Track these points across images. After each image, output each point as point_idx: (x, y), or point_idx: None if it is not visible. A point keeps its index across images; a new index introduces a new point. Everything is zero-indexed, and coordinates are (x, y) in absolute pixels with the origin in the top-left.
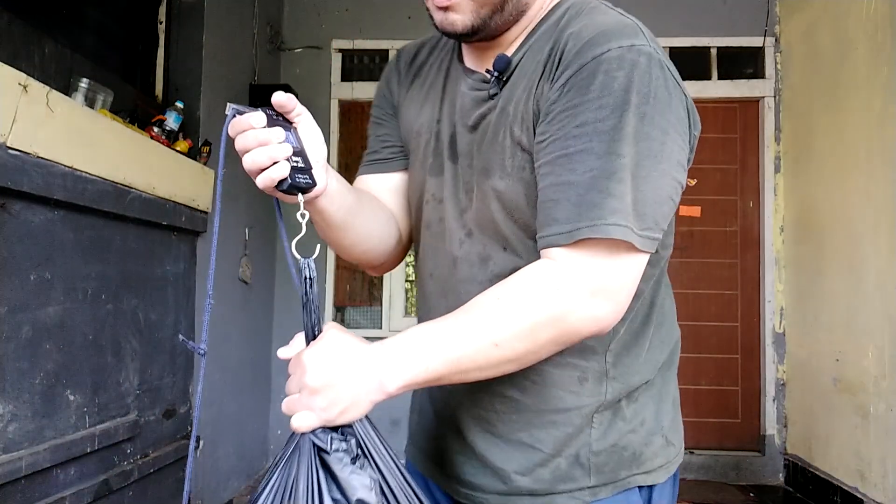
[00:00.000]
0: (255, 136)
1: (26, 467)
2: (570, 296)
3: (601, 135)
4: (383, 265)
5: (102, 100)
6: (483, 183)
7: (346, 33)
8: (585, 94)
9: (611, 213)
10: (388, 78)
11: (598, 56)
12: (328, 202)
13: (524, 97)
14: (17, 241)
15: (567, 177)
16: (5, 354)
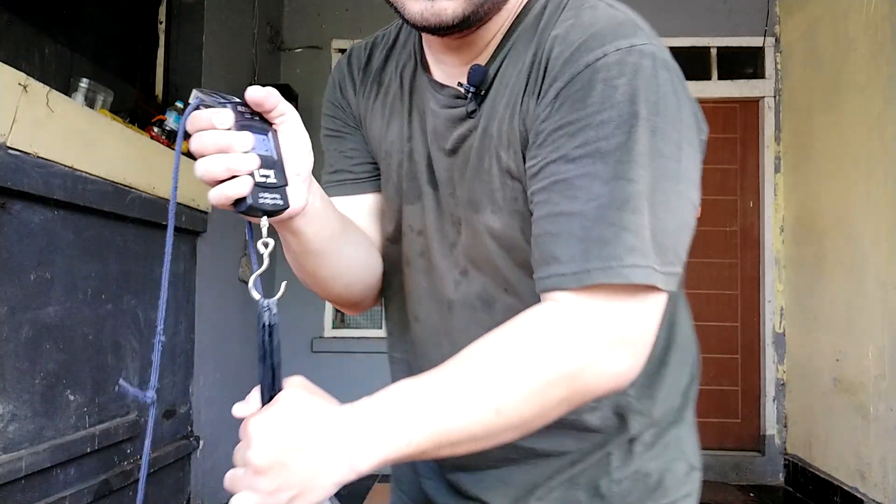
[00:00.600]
0: (213, 138)
1: (26, 467)
2: (584, 349)
3: (606, 156)
4: (362, 303)
5: (102, 100)
6: (472, 217)
7: (346, 33)
8: (582, 109)
9: (628, 252)
10: (341, 85)
11: (593, 63)
12: (306, 224)
13: (507, 115)
14: (17, 241)
15: (567, 206)
16: (5, 354)
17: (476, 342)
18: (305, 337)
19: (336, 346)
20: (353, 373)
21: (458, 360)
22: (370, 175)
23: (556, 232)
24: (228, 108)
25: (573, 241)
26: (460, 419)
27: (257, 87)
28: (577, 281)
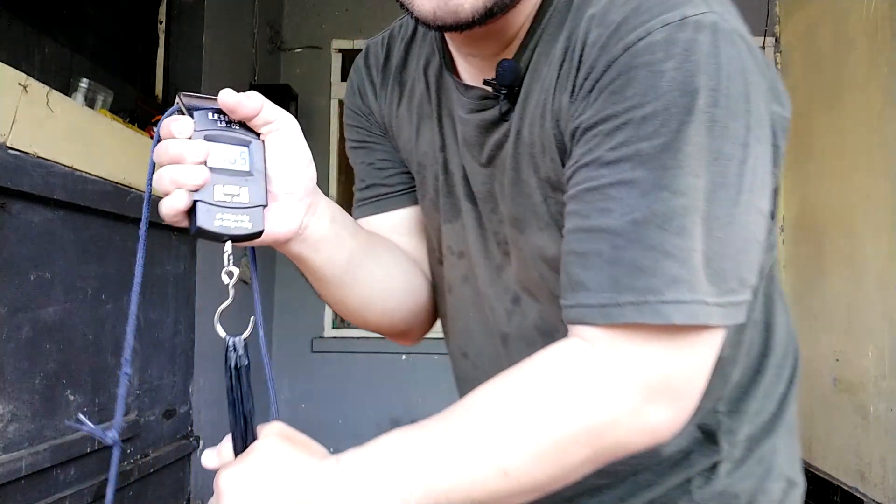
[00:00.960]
0: (168, 148)
1: (26, 467)
2: (614, 399)
3: (647, 160)
4: (411, 331)
5: (102, 100)
6: (518, 238)
7: (346, 33)
8: (621, 103)
9: (670, 284)
10: (360, 90)
11: (634, 45)
12: (310, 250)
13: (539, 116)
14: (17, 241)
15: (597, 220)
16: (5, 354)
17: (484, 385)
18: (305, 337)
19: (336, 346)
20: (353, 373)
21: (463, 407)
22: (407, 186)
23: (583, 251)
24: (199, 114)
25: (602, 265)
26: (461, 482)
27: (229, 92)
28: (606, 316)
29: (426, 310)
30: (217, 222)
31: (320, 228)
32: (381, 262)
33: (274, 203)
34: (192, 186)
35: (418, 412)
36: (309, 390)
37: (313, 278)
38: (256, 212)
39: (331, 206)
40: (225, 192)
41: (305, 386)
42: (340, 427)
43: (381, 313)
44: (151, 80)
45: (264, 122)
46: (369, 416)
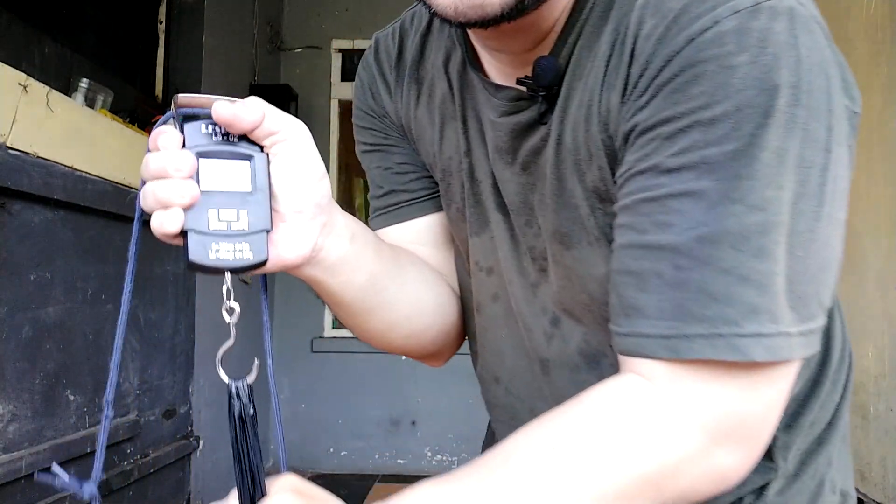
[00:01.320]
0: (152, 161)
1: (26, 467)
2: (680, 444)
3: (717, 168)
4: (440, 353)
5: (102, 100)
6: (563, 255)
7: (346, 33)
8: (685, 103)
9: (747, 315)
10: (372, 89)
11: (699, 36)
12: (325, 274)
13: (583, 119)
14: (17, 241)
15: (656, 235)
16: (5, 354)
17: (528, 427)
18: (305, 337)
19: (336, 346)
20: (353, 373)
21: (503, 454)
22: (430, 192)
23: (639, 271)
24: (191, 127)
25: (663, 288)
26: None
27: (224, 104)
28: (671, 350)
29: (456, 329)
30: (212, 255)
31: (337, 250)
32: (407, 282)
33: (282, 224)
34: (179, 204)
35: (418, 412)
36: (309, 390)
37: (330, 302)
38: (259, 238)
39: (350, 222)
40: (221, 218)
41: (305, 386)
42: (340, 427)
43: (406, 336)
44: (151, 80)
45: (267, 134)
46: (369, 416)
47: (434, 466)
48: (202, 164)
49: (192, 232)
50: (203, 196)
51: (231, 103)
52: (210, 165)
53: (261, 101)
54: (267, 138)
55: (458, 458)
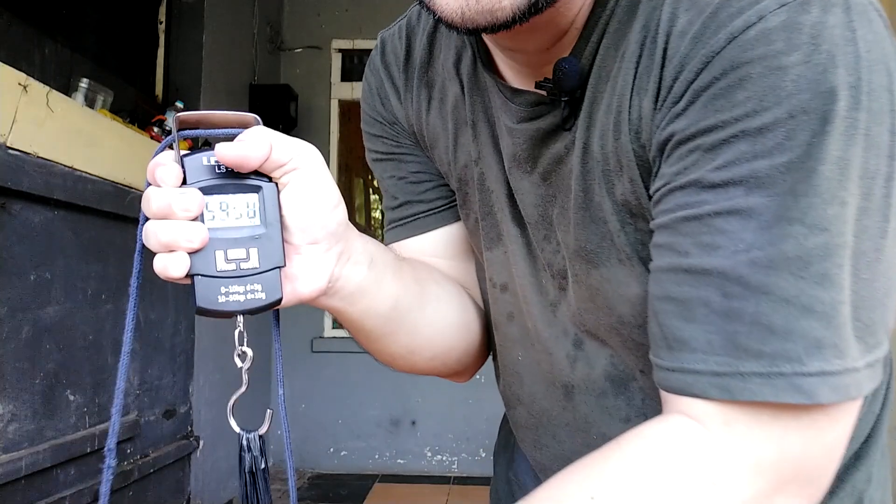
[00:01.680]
0: (154, 198)
1: (26, 467)
2: (738, 493)
3: (769, 183)
4: (466, 370)
5: (102, 100)
6: (588, 274)
7: (346, 33)
8: (728, 110)
9: (811, 351)
10: (380, 94)
11: (742, 33)
12: (344, 303)
13: (611, 127)
14: (17, 241)
15: (700, 258)
16: (5, 354)
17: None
18: (305, 337)
19: (336, 346)
20: (353, 373)
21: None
22: (448, 200)
23: (683, 298)
24: (192, 160)
25: (711, 318)
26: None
27: (226, 147)
28: (724, 390)
29: (481, 344)
30: (221, 298)
31: (356, 278)
32: (430, 303)
33: (296, 257)
34: (186, 249)
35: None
36: (309, 390)
37: (351, 329)
38: (272, 276)
39: (368, 247)
40: (229, 258)
41: (305, 386)
42: (340, 427)
43: (430, 358)
44: (151, 80)
45: (276, 166)
46: (369, 416)
47: (434, 466)
48: (207, 200)
49: (199, 277)
50: (209, 235)
51: (234, 142)
52: (215, 202)
53: (266, 132)
54: (276, 170)
55: (458, 458)
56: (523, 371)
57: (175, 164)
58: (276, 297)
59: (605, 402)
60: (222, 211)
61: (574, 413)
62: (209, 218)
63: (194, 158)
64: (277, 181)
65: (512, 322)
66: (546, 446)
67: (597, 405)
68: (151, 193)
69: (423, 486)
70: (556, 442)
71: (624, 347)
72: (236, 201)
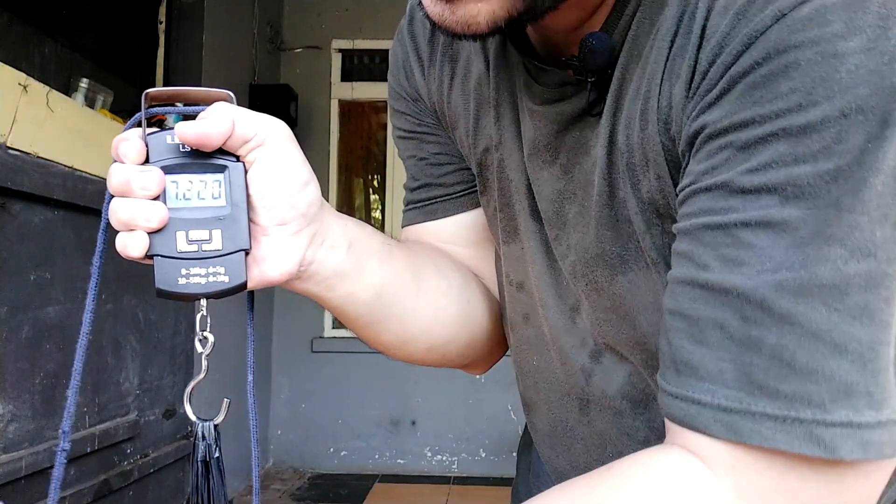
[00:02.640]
0: (117, 174)
1: (26, 467)
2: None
3: (809, 194)
4: (475, 364)
5: (102, 100)
6: (610, 280)
7: (346, 33)
8: (769, 102)
9: (838, 397)
10: (405, 67)
11: (793, 10)
12: (321, 287)
13: (638, 112)
14: (17, 241)
15: (720, 274)
16: (5, 354)
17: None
18: (305, 337)
19: (336, 346)
20: (353, 373)
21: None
22: (468, 186)
23: (696, 316)
24: (156, 139)
25: (725, 345)
26: None
27: (186, 125)
28: (731, 430)
29: (491, 338)
30: (182, 280)
31: (331, 262)
32: (425, 292)
33: (264, 239)
34: (144, 228)
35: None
36: (309, 390)
37: (336, 315)
38: (235, 259)
39: (349, 229)
40: (191, 239)
41: (305, 386)
42: (340, 427)
43: (427, 349)
44: (151, 80)
45: (241, 142)
46: (369, 416)
47: (434, 466)
48: (169, 179)
49: (158, 258)
50: (171, 215)
51: (194, 120)
52: (178, 181)
53: (227, 107)
54: (241, 146)
55: (458, 458)
56: (538, 378)
57: (139, 139)
58: (239, 280)
59: (623, 422)
60: (185, 191)
61: (590, 428)
62: (171, 197)
63: (158, 136)
64: (244, 160)
65: (528, 324)
66: (562, 455)
67: (613, 423)
68: (113, 169)
69: (423, 486)
70: (571, 453)
71: (647, 366)
72: (200, 181)
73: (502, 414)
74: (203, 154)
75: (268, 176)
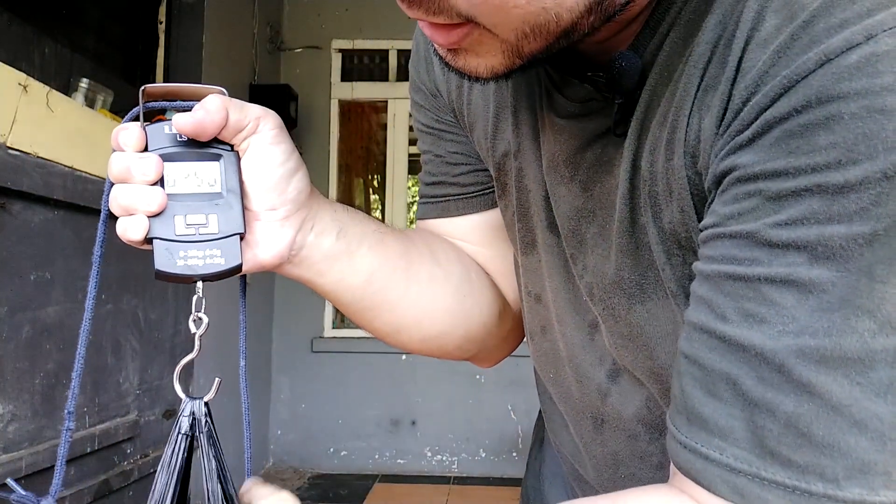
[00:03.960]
0: (115, 162)
1: (26, 467)
2: None
3: (840, 257)
4: (479, 357)
5: (102, 100)
6: (628, 308)
7: (346, 33)
8: (805, 154)
9: (853, 474)
10: (428, 61)
11: (839, 56)
12: (311, 272)
13: (663, 140)
14: (17, 241)
15: (739, 328)
16: (5, 354)
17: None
18: (305, 337)
19: (336, 346)
20: (353, 373)
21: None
22: (483, 187)
23: (710, 367)
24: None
25: (738, 402)
26: None
27: (183, 116)
28: (737, 493)
29: (493, 334)
30: (180, 262)
31: (321, 247)
32: (417, 282)
33: (256, 224)
34: (145, 211)
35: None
36: (309, 390)
37: (330, 300)
38: (231, 242)
39: (340, 216)
40: (189, 223)
41: (305, 386)
42: (340, 427)
43: (421, 340)
44: (151, 80)
45: (234, 132)
46: (369, 416)
47: (434, 466)
48: (167, 167)
49: (157, 239)
50: (169, 201)
51: (190, 111)
52: (175, 168)
53: (221, 99)
54: (234, 136)
55: (458, 458)
56: (555, 392)
57: (138, 128)
58: (235, 262)
59: (637, 446)
60: (183, 178)
61: (603, 448)
62: (169, 184)
63: (156, 127)
64: (238, 149)
65: (545, 336)
66: (582, 465)
67: (627, 445)
68: (113, 158)
69: (423, 486)
70: (583, 469)
71: (664, 395)
72: (197, 168)
73: (502, 414)
74: (199, 143)
75: (259, 163)
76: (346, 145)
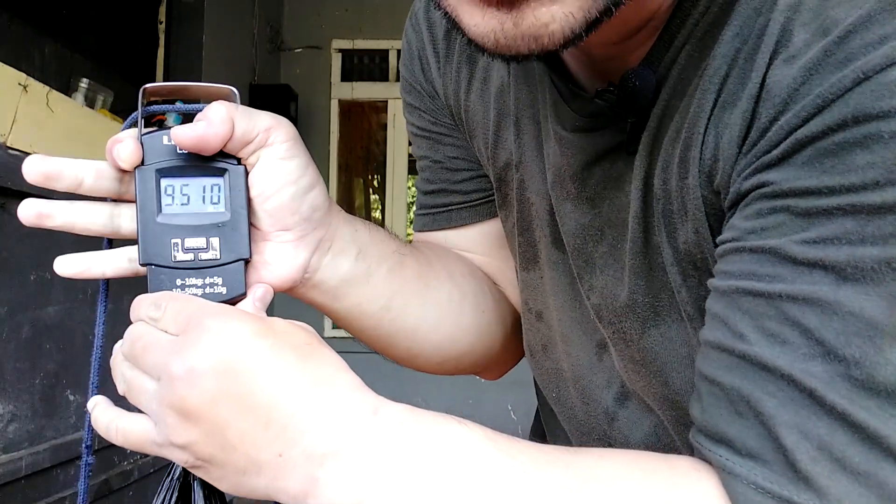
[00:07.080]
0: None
1: (26, 467)
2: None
3: (871, 280)
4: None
5: (102, 100)
6: (637, 333)
7: (346, 33)
8: (840, 174)
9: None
10: (422, 58)
11: (878, 73)
12: (327, 297)
13: (676, 158)
14: (17, 241)
15: (760, 348)
16: (5, 354)
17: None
18: None
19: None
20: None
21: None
22: (487, 193)
23: (731, 387)
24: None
25: (760, 427)
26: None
27: (183, 129)
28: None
29: (507, 347)
30: (177, 291)
31: (339, 270)
32: (436, 304)
33: (266, 245)
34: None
35: None
36: None
37: (342, 326)
38: (234, 269)
39: (359, 235)
40: (187, 247)
41: None
42: None
43: (439, 363)
44: (151, 80)
45: (241, 144)
46: None
47: None
48: (165, 183)
49: (153, 266)
50: (167, 222)
51: (191, 123)
52: (174, 185)
53: (227, 107)
54: (242, 149)
55: None
56: (559, 411)
57: (132, 140)
58: (238, 292)
59: None
60: (182, 196)
61: None
62: (167, 203)
63: (154, 137)
64: (245, 163)
65: (546, 355)
66: None
67: None
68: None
69: None
70: None
71: (676, 423)
72: (198, 185)
73: (502, 414)
74: (201, 156)
75: (269, 179)
76: (346, 145)
